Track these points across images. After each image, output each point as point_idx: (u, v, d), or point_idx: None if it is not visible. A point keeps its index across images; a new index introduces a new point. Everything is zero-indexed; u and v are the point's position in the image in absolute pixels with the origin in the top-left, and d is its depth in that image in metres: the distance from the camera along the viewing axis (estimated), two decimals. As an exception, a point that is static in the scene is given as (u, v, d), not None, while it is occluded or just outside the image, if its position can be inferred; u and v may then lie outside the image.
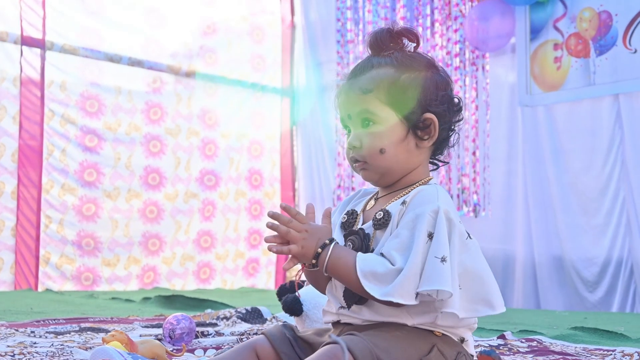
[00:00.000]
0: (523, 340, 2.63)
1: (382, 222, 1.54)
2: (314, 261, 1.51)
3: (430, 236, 1.45)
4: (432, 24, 5.58)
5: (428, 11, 5.60)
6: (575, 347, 2.50)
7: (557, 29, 5.07)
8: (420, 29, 5.61)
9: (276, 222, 1.52)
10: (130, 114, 5.88)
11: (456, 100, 1.66)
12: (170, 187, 6.08)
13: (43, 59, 5.42)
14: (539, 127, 5.18)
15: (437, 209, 1.47)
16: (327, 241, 1.51)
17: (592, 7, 4.90)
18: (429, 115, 1.60)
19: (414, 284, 1.43)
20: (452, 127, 1.65)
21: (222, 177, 6.40)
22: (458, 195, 5.39)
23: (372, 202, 1.66)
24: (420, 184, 1.60)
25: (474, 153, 5.36)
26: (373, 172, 1.61)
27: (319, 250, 1.50)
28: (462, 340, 1.61)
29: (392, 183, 1.62)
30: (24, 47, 5.33)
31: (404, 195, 1.57)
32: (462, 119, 1.68)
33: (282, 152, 6.88)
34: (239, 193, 6.51)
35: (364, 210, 1.66)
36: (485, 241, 5.21)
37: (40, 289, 5.26)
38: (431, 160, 1.70)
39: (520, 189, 5.28)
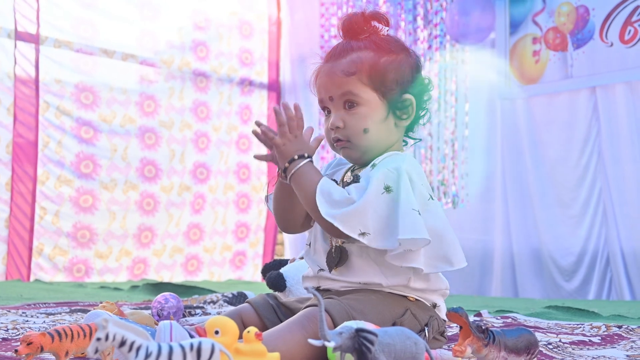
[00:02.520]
0: (498, 318, 2.74)
1: (351, 184, 1.64)
2: (287, 164, 1.61)
3: (388, 189, 1.54)
4: (415, 19, 5.68)
5: (410, 6, 5.70)
6: (548, 323, 2.61)
7: (536, 23, 5.18)
8: (403, 24, 5.72)
9: (281, 111, 1.62)
10: (124, 106, 5.92)
11: (427, 80, 1.76)
12: (166, 180, 6.14)
13: (37, 51, 5.45)
14: (517, 120, 5.28)
15: (398, 167, 1.57)
16: (306, 155, 1.61)
17: (570, 1, 5.02)
18: (408, 95, 1.71)
19: (359, 219, 1.52)
20: (424, 106, 1.76)
21: (213, 171, 6.48)
22: (438, 187, 5.49)
23: (349, 173, 1.76)
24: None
25: (452, 145, 5.47)
26: (355, 151, 1.71)
27: (296, 157, 1.60)
28: (435, 305, 1.72)
29: (370, 160, 1.72)
30: (18, 40, 5.36)
31: (375, 160, 1.68)
32: (431, 97, 1.78)
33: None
34: (228, 186, 6.58)
35: (342, 180, 1.76)
36: (464, 232, 5.34)
37: (32, 280, 5.30)
38: (405, 138, 1.80)
39: (499, 180, 5.37)
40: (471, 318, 2.70)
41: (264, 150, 5.89)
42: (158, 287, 4.39)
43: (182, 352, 1.08)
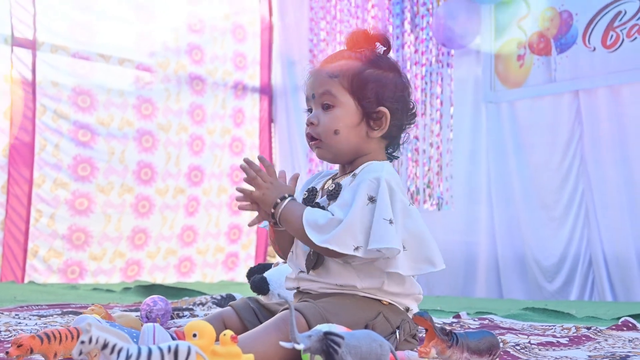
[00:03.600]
0: (476, 319, 2.83)
1: (333, 193, 1.75)
2: (272, 210, 1.71)
3: (372, 199, 1.64)
4: (402, 23, 5.77)
5: (398, 10, 5.79)
6: (523, 325, 2.69)
7: (520, 28, 5.26)
8: (390, 28, 5.81)
9: (247, 167, 1.72)
10: (122, 109, 5.98)
11: (411, 105, 1.86)
12: (161, 182, 6.22)
13: (34, 55, 5.50)
14: (502, 123, 5.35)
15: (379, 177, 1.66)
16: (287, 195, 1.71)
17: (554, 6, 5.10)
18: (382, 109, 1.80)
19: (351, 235, 1.61)
20: (403, 127, 1.85)
21: (207, 174, 6.56)
22: (424, 189, 5.57)
23: (330, 181, 1.86)
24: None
25: (437, 147, 5.55)
26: (326, 151, 1.81)
27: (278, 200, 1.70)
28: (407, 309, 1.81)
29: (344, 163, 1.83)
30: (15, 46, 5.42)
31: (355, 170, 1.78)
32: (414, 122, 1.88)
33: (260, 149, 7.05)
34: (221, 189, 6.66)
35: (322, 188, 1.86)
36: (449, 234, 5.42)
37: (26, 281, 5.37)
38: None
39: (484, 183, 5.44)
40: (449, 319, 2.81)
41: (255, 149, 5.84)
42: (150, 289, 4.47)
43: (160, 354, 1.17)
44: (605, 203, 4.83)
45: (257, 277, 2.46)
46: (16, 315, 2.74)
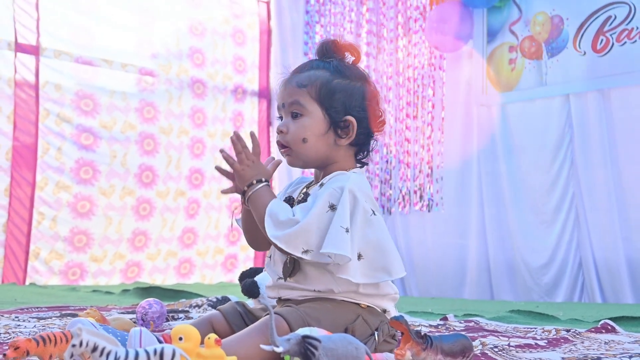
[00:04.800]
0: (462, 321, 2.90)
1: (301, 201, 1.82)
2: (245, 188, 1.79)
3: (332, 207, 1.71)
4: (396, 27, 5.85)
5: (392, 14, 5.86)
6: (507, 327, 2.77)
7: (512, 32, 5.34)
8: (385, 32, 5.88)
9: (236, 141, 1.80)
10: (124, 112, 6.06)
11: (379, 113, 1.92)
12: (162, 185, 6.30)
13: (37, 59, 5.58)
14: (493, 126, 5.40)
15: (342, 187, 1.73)
16: (263, 179, 1.79)
17: (545, 11, 5.17)
18: (350, 117, 1.86)
19: (303, 239, 1.69)
20: (372, 135, 1.92)
21: (207, 176, 6.64)
22: (415, 191, 5.64)
23: (305, 189, 1.94)
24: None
25: (428, 149, 5.61)
26: (296, 159, 1.88)
27: (254, 182, 1.78)
28: (385, 311, 1.88)
29: (315, 169, 1.90)
30: (19, 52, 5.50)
31: (324, 179, 1.85)
32: (382, 130, 1.94)
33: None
34: (221, 192, 6.72)
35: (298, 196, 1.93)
36: (440, 236, 5.48)
37: (27, 283, 5.46)
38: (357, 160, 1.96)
39: (475, 185, 5.49)
40: (436, 322, 2.89)
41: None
42: (148, 290, 4.55)
43: (146, 356, 1.25)
44: (595, 206, 4.89)
45: (248, 281, 2.53)
46: (16, 317, 2.82)
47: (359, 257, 1.71)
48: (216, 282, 6.69)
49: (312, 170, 1.95)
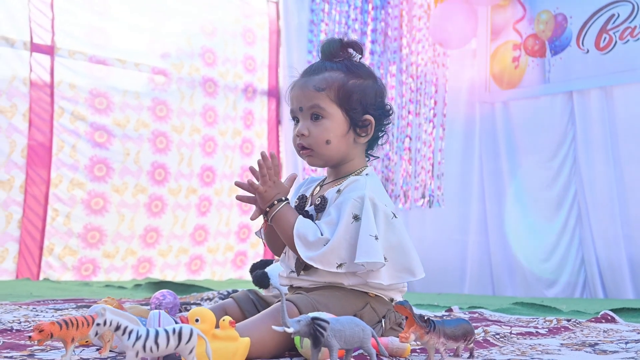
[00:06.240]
0: (466, 313, 2.98)
1: (320, 206, 1.90)
2: (267, 209, 1.86)
3: (356, 218, 1.78)
4: (400, 26, 5.91)
5: (396, 13, 5.93)
6: (510, 317, 2.83)
7: (516, 30, 5.39)
8: (389, 31, 5.94)
9: (262, 163, 1.85)
10: (137, 110, 6.15)
11: (388, 107, 2.01)
12: (174, 183, 6.38)
13: (52, 59, 5.67)
14: (495, 123, 5.45)
15: (363, 196, 1.80)
16: (283, 198, 1.86)
17: (549, 9, 5.22)
18: (368, 116, 1.95)
19: (336, 254, 1.77)
20: (383, 129, 2.01)
21: (218, 174, 6.72)
22: (417, 187, 5.69)
23: (318, 188, 2.02)
24: (354, 174, 1.95)
25: (429, 146, 5.67)
26: (317, 159, 1.96)
27: (275, 202, 1.85)
28: (392, 300, 1.96)
29: (333, 168, 1.97)
30: (34, 52, 5.58)
31: (339, 184, 1.92)
32: (390, 122, 2.03)
33: (269, 150, 7.18)
34: (232, 189, 6.79)
35: (312, 194, 2.01)
36: (442, 232, 5.50)
37: (41, 278, 5.53)
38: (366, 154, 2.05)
39: (476, 182, 5.53)
40: (441, 313, 2.96)
41: (264, 150, 5.93)
42: (160, 285, 4.62)
43: (166, 335, 1.33)
44: (597, 203, 4.91)
45: (259, 272, 2.63)
46: (34, 308, 2.90)
47: (384, 259, 1.78)
48: (226, 278, 6.75)
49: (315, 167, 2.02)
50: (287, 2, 7.10)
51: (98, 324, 1.32)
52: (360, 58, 2.02)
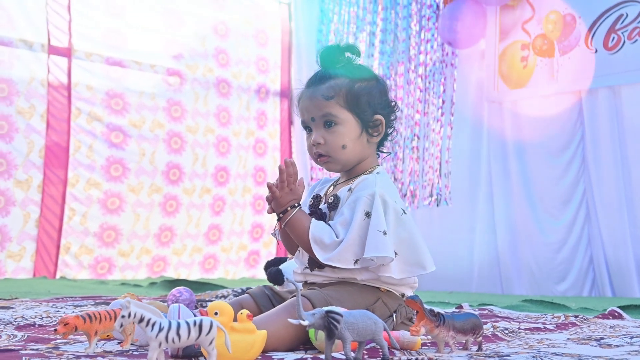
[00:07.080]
0: (476, 310, 3.02)
1: (333, 205, 1.96)
2: (281, 215, 1.92)
3: (368, 214, 1.84)
4: (409, 25, 5.95)
5: (405, 13, 5.98)
6: (519, 314, 2.88)
7: (525, 30, 5.41)
8: (398, 31, 5.98)
9: (283, 170, 1.90)
10: (153, 111, 6.24)
11: (393, 103, 2.07)
12: (188, 182, 6.46)
13: (69, 61, 5.76)
14: (503, 122, 5.47)
15: (373, 193, 1.86)
16: (296, 204, 1.92)
17: (558, 10, 5.25)
18: (378, 116, 2.01)
19: (351, 252, 1.83)
20: (391, 125, 2.07)
21: (232, 174, 6.80)
22: (425, 186, 5.72)
23: (332, 187, 2.08)
24: (366, 173, 2.01)
25: (437, 145, 5.69)
26: (335, 164, 2.02)
27: (288, 208, 1.91)
28: (403, 295, 2.01)
29: (349, 169, 2.03)
30: (52, 54, 5.69)
31: (351, 183, 1.98)
32: (397, 118, 2.09)
33: (281, 150, 7.27)
34: (246, 189, 6.89)
35: (326, 194, 2.07)
36: (448, 230, 5.52)
37: (57, 276, 5.63)
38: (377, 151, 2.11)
39: (484, 181, 5.56)
40: (452, 309, 3.02)
41: (277, 151, 5.97)
42: (175, 283, 4.71)
43: (187, 327, 1.40)
44: (605, 202, 4.93)
45: (273, 269, 2.68)
46: (53, 305, 2.97)
47: (395, 254, 1.84)
48: (239, 277, 6.82)
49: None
50: (297, 3, 7.15)
51: (123, 316, 1.39)
52: (358, 60, 2.08)
